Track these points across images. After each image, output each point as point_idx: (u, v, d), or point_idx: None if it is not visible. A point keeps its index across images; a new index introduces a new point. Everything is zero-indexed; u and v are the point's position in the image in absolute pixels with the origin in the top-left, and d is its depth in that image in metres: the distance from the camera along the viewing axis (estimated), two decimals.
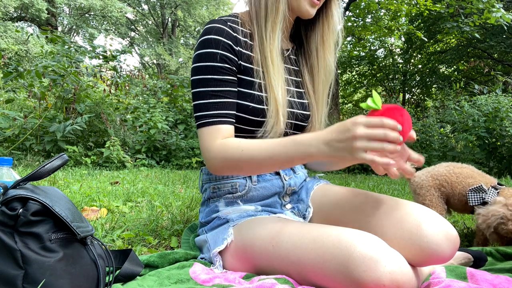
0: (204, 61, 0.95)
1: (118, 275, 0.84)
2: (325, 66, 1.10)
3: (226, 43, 0.96)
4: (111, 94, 5.10)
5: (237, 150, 0.90)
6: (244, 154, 0.89)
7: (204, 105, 0.95)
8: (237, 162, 0.90)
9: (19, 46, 13.38)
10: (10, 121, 4.00)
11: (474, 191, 1.35)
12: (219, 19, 0.99)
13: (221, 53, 0.95)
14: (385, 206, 0.88)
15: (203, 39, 0.96)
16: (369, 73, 12.85)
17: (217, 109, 0.95)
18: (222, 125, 0.95)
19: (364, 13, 7.46)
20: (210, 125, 0.95)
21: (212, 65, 0.95)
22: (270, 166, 0.89)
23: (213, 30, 0.96)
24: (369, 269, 0.71)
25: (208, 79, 0.95)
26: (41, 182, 2.14)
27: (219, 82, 0.95)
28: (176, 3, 19.45)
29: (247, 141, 0.91)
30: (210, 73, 0.95)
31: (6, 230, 0.66)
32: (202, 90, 0.95)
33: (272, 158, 0.87)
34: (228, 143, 0.93)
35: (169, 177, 3.08)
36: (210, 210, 1.05)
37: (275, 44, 0.99)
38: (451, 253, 0.79)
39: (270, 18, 0.98)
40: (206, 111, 0.95)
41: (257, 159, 0.88)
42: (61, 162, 0.75)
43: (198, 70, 0.96)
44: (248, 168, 0.92)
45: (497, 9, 5.05)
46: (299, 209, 1.09)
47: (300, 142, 0.83)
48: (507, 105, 4.71)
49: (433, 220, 0.81)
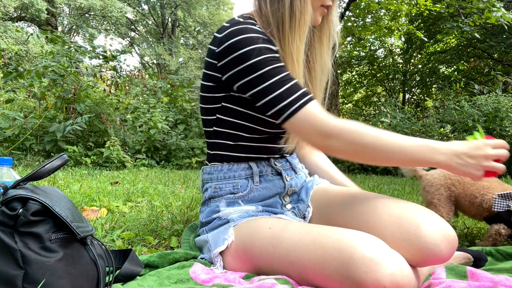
0: (250, 58, 0.91)
1: (118, 275, 0.84)
2: (321, 65, 1.11)
3: (261, 37, 0.94)
4: (111, 94, 5.10)
5: (368, 135, 0.87)
6: (375, 140, 0.86)
7: (286, 92, 0.90)
8: (364, 148, 0.87)
9: (19, 46, 13.37)
10: (10, 121, 4.00)
11: (502, 197, 1.29)
12: (242, 21, 0.96)
13: (263, 46, 0.92)
14: (384, 207, 0.88)
15: (239, 39, 0.92)
16: (369, 73, 12.85)
17: (299, 88, 0.92)
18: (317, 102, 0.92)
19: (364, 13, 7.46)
20: (308, 102, 0.90)
21: (264, 58, 0.91)
22: (394, 160, 0.87)
23: (243, 30, 0.93)
24: (369, 271, 0.71)
25: (269, 71, 0.91)
26: (41, 182, 2.14)
27: (280, 68, 0.92)
28: (176, 3, 19.45)
29: (376, 129, 0.89)
30: (267, 65, 0.91)
31: (6, 230, 0.66)
32: (271, 82, 0.90)
33: (401, 153, 0.86)
34: (354, 125, 0.88)
35: (169, 177, 3.08)
36: (211, 210, 1.05)
37: (301, 55, 0.99)
38: (450, 253, 0.79)
39: (297, 31, 0.97)
40: (292, 95, 0.90)
41: (387, 149, 0.86)
42: (61, 162, 0.75)
43: (252, 68, 0.91)
44: (371, 156, 0.88)
45: (497, 9, 5.04)
46: (300, 209, 1.09)
47: (435, 148, 0.85)
48: (507, 105, 4.71)
49: (432, 221, 0.81)
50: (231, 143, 1.05)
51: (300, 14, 0.96)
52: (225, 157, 1.06)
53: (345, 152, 0.89)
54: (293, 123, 0.90)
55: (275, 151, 1.09)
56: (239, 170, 1.05)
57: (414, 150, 0.85)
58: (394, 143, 0.86)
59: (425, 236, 0.78)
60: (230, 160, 1.06)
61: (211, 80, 1.01)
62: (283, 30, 0.97)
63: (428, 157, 0.85)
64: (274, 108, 0.91)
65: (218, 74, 0.98)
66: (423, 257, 0.78)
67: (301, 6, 0.96)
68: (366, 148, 0.87)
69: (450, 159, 0.84)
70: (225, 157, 1.06)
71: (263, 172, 1.07)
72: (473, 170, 0.83)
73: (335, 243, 0.77)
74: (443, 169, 0.87)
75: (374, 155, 0.87)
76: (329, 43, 1.11)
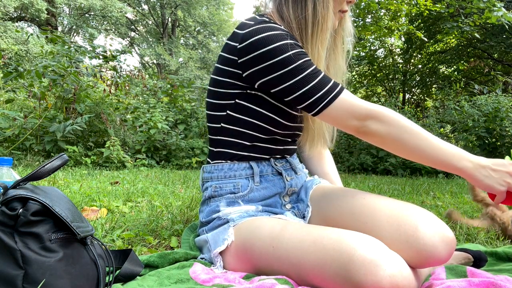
0: (282, 53, 0.91)
1: (118, 275, 0.84)
2: (336, 69, 1.13)
3: (289, 34, 0.95)
4: (111, 94, 5.10)
5: (405, 121, 0.90)
6: (412, 128, 0.89)
7: (319, 83, 0.92)
8: (399, 133, 0.90)
9: (19, 46, 13.37)
10: (10, 121, 4.00)
11: None
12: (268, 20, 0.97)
13: (291, 42, 0.93)
14: (382, 208, 0.88)
15: (267, 35, 0.92)
16: (369, 73, 12.84)
17: (330, 79, 0.93)
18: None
19: (364, 13, 7.46)
20: (342, 91, 0.92)
21: (295, 52, 0.92)
22: (424, 154, 0.90)
23: (271, 28, 0.93)
24: (369, 273, 0.71)
25: (300, 65, 0.92)
26: (41, 182, 2.14)
27: (310, 61, 0.93)
28: (176, 3, 19.45)
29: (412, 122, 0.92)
30: (296, 60, 0.92)
31: (6, 230, 0.66)
32: (304, 75, 0.92)
33: (433, 149, 0.88)
34: (393, 111, 0.92)
35: (169, 177, 3.08)
36: (211, 210, 1.05)
37: (322, 61, 1.00)
38: (448, 255, 0.79)
39: (319, 37, 0.98)
40: (326, 86, 0.92)
41: (421, 141, 0.89)
42: (61, 162, 0.75)
43: (283, 63, 0.91)
44: (403, 144, 0.90)
45: (498, 8, 5.04)
46: (299, 209, 1.09)
47: (463, 156, 0.88)
48: (507, 105, 4.71)
49: (430, 222, 0.80)
50: (236, 141, 1.05)
51: (323, 20, 0.97)
52: (228, 155, 1.06)
53: (381, 135, 0.91)
54: (330, 112, 0.92)
55: (277, 152, 1.10)
56: (239, 170, 1.05)
57: (445, 152, 0.88)
58: (428, 137, 0.89)
59: (423, 238, 0.78)
60: (233, 158, 1.05)
61: (227, 75, 1.01)
62: (306, 35, 0.98)
63: (456, 162, 0.88)
64: (308, 100, 0.92)
65: (238, 71, 0.98)
66: (421, 259, 0.78)
67: (323, 12, 0.97)
68: (402, 134, 0.90)
69: (475, 168, 0.87)
70: (228, 155, 1.06)
71: (264, 172, 1.07)
72: (496, 184, 0.86)
73: (335, 244, 0.77)
74: (466, 177, 0.89)
75: (407, 144, 0.90)
76: (344, 47, 1.13)
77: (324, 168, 1.29)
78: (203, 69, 19.86)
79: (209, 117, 1.09)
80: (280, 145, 1.09)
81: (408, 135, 0.89)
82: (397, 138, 0.90)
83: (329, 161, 1.31)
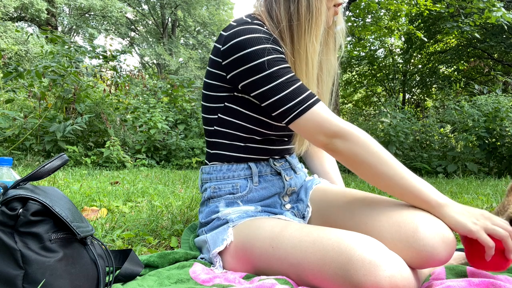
0: (258, 58, 0.90)
1: (118, 275, 0.84)
2: (328, 66, 1.11)
3: (269, 38, 0.93)
4: (111, 94, 5.10)
5: (374, 145, 0.86)
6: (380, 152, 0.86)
7: (293, 93, 0.89)
8: (366, 155, 0.86)
9: (19, 46, 13.37)
10: (10, 121, 4.00)
11: None
12: (250, 21, 0.96)
13: (270, 46, 0.91)
14: (382, 209, 0.88)
15: (245, 38, 0.90)
16: (369, 73, 12.84)
17: (306, 89, 0.91)
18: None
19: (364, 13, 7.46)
20: (315, 103, 0.89)
21: (272, 58, 0.90)
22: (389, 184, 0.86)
23: (251, 30, 0.92)
24: (369, 273, 0.70)
25: (274, 72, 0.90)
26: (41, 182, 2.14)
27: (287, 69, 0.92)
28: (176, 3, 19.45)
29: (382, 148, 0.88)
30: (273, 66, 0.90)
31: (6, 230, 0.66)
32: (278, 82, 0.90)
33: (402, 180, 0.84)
34: (363, 132, 0.88)
35: (169, 177, 3.08)
36: (210, 211, 1.05)
37: (316, 55, 0.98)
38: (448, 256, 0.78)
39: (313, 31, 0.96)
40: (299, 96, 0.89)
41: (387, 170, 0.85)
42: (61, 162, 0.75)
43: (257, 68, 0.90)
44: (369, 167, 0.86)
45: (497, 8, 5.04)
46: (299, 209, 1.09)
47: (436, 191, 0.84)
48: (507, 105, 4.71)
49: (429, 223, 0.80)
50: (231, 143, 1.04)
51: (318, 13, 0.95)
52: (225, 157, 1.05)
53: (347, 154, 0.88)
54: (300, 123, 0.90)
55: (275, 152, 1.09)
56: (238, 170, 1.04)
57: (413, 182, 0.84)
58: (397, 166, 0.85)
59: (423, 239, 0.78)
60: (230, 160, 1.05)
61: (215, 78, 1.00)
62: (299, 31, 0.96)
63: (426, 194, 0.83)
64: (280, 109, 0.90)
65: (223, 73, 0.98)
66: (421, 260, 0.77)
67: (318, 5, 0.95)
68: (369, 157, 0.85)
69: (447, 204, 0.82)
70: (225, 157, 1.06)
71: (262, 172, 1.06)
72: (469, 222, 0.78)
73: (335, 245, 0.77)
74: (435, 212, 0.83)
75: (372, 168, 0.86)
76: (335, 44, 1.11)
77: (324, 166, 1.28)
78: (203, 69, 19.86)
79: (203, 120, 1.09)
80: (277, 145, 1.09)
81: (375, 159, 0.85)
82: (363, 160, 0.86)
83: (329, 160, 1.30)
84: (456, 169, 4.48)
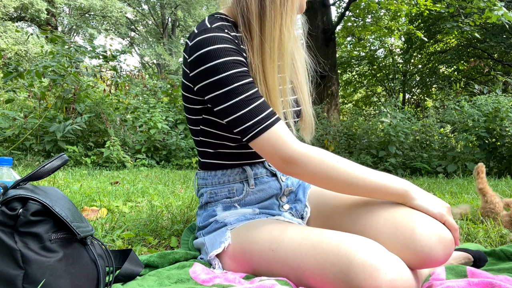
0: (219, 73, 0.86)
1: (118, 275, 0.84)
2: (301, 58, 1.08)
3: (230, 47, 0.88)
4: (111, 94, 5.10)
5: (329, 164, 0.86)
6: (336, 169, 0.86)
7: (252, 111, 0.87)
8: (325, 176, 0.86)
9: (19, 46, 13.37)
10: (10, 121, 4.00)
11: None
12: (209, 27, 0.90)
13: (231, 59, 0.87)
14: (380, 210, 0.87)
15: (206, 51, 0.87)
16: (369, 73, 12.85)
17: (266, 108, 0.88)
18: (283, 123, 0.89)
19: (364, 13, 7.46)
20: (274, 124, 0.87)
21: (232, 73, 0.87)
22: (356, 188, 0.87)
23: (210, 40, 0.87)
24: (369, 277, 0.70)
25: (236, 88, 0.87)
26: (41, 182, 2.14)
27: (248, 85, 0.88)
28: (176, 3, 19.45)
29: (340, 158, 0.88)
30: (234, 82, 0.87)
31: (6, 230, 0.66)
32: (238, 99, 0.87)
33: (366, 180, 0.85)
34: (318, 152, 0.87)
35: (169, 177, 3.08)
36: (208, 215, 1.04)
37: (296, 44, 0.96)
38: (446, 256, 0.78)
39: (289, 16, 0.92)
40: (258, 115, 0.87)
41: (346, 180, 0.86)
42: (61, 162, 0.75)
43: (219, 84, 0.87)
44: (332, 185, 0.88)
45: (498, 7, 5.02)
46: (297, 209, 1.09)
47: (399, 179, 0.87)
48: (507, 105, 4.71)
49: (426, 224, 0.80)
50: (219, 152, 1.03)
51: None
52: (216, 165, 1.04)
53: (307, 176, 0.88)
54: (258, 143, 0.87)
55: None
56: (233, 175, 1.03)
57: (377, 178, 0.86)
58: (357, 169, 0.86)
59: (420, 240, 0.77)
60: (222, 167, 1.04)
61: (187, 90, 0.98)
62: (272, 18, 0.90)
63: (392, 184, 0.86)
64: (239, 127, 0.88)
65: (191, 84, 0.95)
66: (419, 261, 0.77)
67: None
68: (329, 173, 0.86)
69: (413, 189, 0.86)
70: (216, 165, 1.04)
71: (258, 175, 1.05)
72: (432, 205, 0.84)
73: (335, 248, 0.76)
74: (403, 199, 0.86)
75: (336, 181, 0.87)
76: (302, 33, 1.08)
77: None
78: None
79: (190, 131, 1.07)
80: None
81: (334, 172, 0.86)
82: (324, 177, 0.86)
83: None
84: (456, 169, 4.48)
